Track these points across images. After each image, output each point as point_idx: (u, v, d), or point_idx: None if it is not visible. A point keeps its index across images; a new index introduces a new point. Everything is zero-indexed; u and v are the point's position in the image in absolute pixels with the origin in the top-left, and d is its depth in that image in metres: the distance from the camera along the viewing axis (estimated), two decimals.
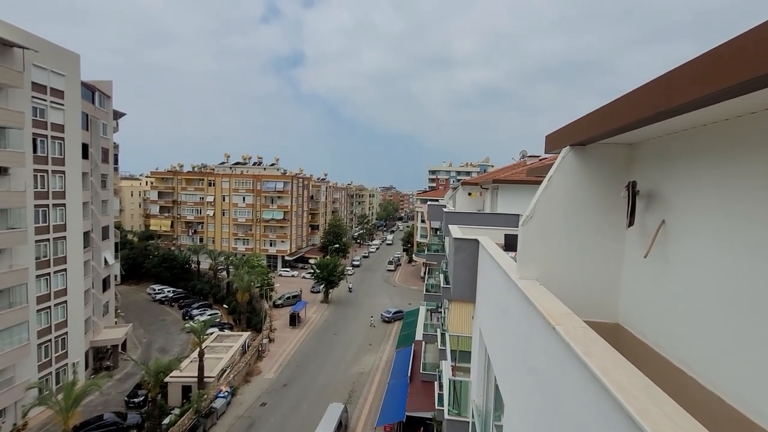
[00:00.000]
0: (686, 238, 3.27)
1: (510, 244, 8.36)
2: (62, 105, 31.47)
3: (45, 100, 29.98)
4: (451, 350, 15.88)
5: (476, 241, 7.62)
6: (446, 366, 15.51)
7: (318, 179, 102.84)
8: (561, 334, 2.63)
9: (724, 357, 2.74)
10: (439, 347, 22.70)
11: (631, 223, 3.87)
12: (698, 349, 3.02)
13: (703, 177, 3.11)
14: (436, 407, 17.23)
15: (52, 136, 30.70)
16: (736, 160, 2.78)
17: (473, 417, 7.87)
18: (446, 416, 11.37)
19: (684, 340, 3.20)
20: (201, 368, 31.34)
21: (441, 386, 17.70)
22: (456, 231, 8.94)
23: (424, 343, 30.86)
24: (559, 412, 2.69)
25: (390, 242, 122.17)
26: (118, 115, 44.20)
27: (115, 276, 43.73)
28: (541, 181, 4.55)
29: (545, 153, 5.10)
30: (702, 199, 3.12)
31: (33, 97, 28.98)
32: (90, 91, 36.70)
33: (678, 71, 2.33)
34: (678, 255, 3.35)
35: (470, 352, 10.17)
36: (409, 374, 30.42)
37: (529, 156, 28.84)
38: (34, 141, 29.28)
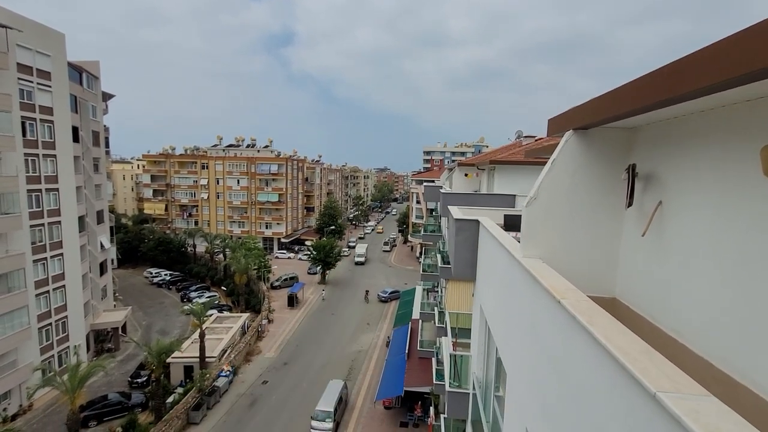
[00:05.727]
0: (681, 217, 3.50)
1: (510, 224, 8.57)
2: (49, 86, 30.70)
3: (31, 82, 29.22)
4: (451, 327, 16.38)
5: (477, 222, 7.83)
6: (446, 342, 16.02)
7: (312, 161, 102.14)
8: (566, 307, 2.87)
9: (713, 325, 3.01)
10: (437, 325, 23.29)
11: (630, 204, 4.09)
12: (690, 318, 3.29)
13: (699, 160, 3.31)
14: (435, 382, 17.86)
15: (41, 119, 30.09)
16: (730, 144, 2.98)
17: (474, 388, 8.27)
18: (448, 389, 11.84)
19: (677, 311, 3.47)
20: (202, 349, 31.91)
21: (439, 362, 18.30)
22: (456, 212, 9.12)
23: (420, 321, 31.57)
24: (564, 377, 2.95)
25: (362, 258, 69.18)
26: (107, 96, 43.22)
27: (112, 260, 43.73)
28: (539, 162, 4.72)
29: (547, 136, 5.24)
30: (697, 181, 3.32)
31: (19, 78, 28.22)
32: (77, 72, 35.75)
33: (680, 63, 2.49)
34: (673, 233, 3.58)
35: (469, 328, 10.55)
36: (406, 351, 31.23)
37: (525, 136, 28.80)
38: (23, 124, 28.68)
